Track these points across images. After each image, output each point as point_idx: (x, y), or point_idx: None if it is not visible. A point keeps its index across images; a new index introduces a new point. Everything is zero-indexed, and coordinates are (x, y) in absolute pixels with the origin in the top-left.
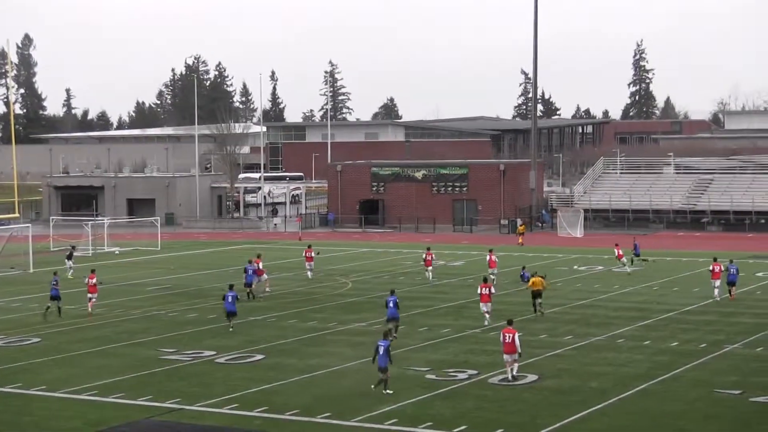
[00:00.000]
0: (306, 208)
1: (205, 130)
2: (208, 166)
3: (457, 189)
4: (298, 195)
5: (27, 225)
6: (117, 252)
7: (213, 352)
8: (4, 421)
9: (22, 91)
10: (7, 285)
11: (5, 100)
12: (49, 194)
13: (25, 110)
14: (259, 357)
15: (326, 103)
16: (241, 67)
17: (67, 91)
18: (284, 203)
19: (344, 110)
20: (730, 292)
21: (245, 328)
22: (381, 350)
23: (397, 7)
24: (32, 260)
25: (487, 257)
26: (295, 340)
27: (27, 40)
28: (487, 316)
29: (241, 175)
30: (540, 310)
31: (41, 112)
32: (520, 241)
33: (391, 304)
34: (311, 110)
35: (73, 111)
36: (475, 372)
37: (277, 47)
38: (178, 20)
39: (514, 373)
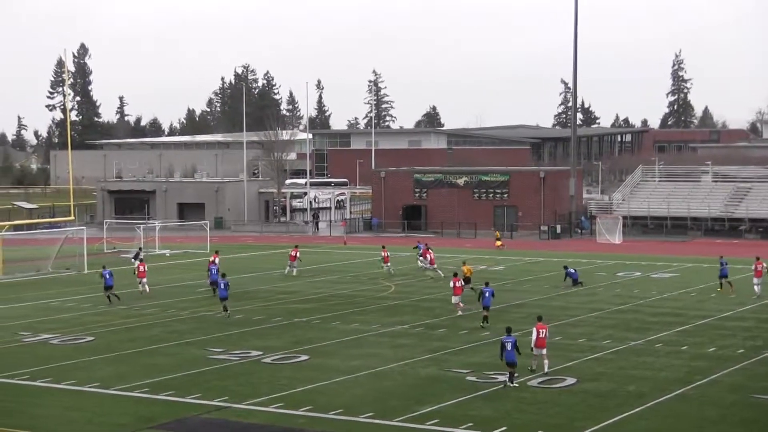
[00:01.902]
0: (350, 213)
1: (253, 137)
2: (256, 171)
3: (498, 195)
4: (342, 200)
5: (82, 227)
6: (168, 254)
7: (260, 352)
8: (58, 417)
9: (78, 98)
10: (63, 285)
11: (62, 107)
12: (102, 198)
13: (80, 117)
14: (303, 357)
15: (370, 111)
16: (288, 76)
17: (121, 98)
18: (329, 208)
19: (388, 118)
20: (729, 284)
21: (290, 329)
22: (509, 346)
23: (439, 17)
24: (86, 261)
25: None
26: (338, 342)
27: (83, 50)
28: (460, 306)
29: (288, 181)
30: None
31: (96, 119)
32: (498, 244)
33: (487, 294)
34: (356, 118)
35: (127, 118)
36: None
37: (323, 57)
38: (227, 30)
39: (546, 369)
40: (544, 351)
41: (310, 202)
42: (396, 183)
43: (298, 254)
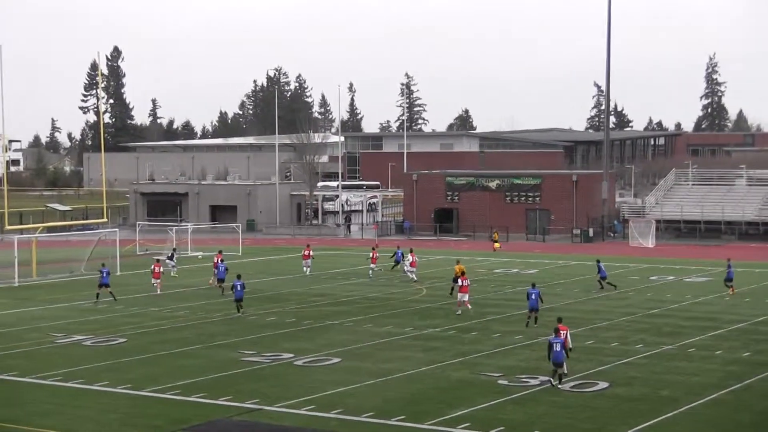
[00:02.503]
0: (382, 216)
1: (285, 140)
2: (288, 174)
3: (530, 199)
4: (374, 203)
5: (114, 229)
6: (200, 257)
7: (291, 355)
8: (91, 417)
9: (111, 101)
10: (95, 287)
11: (96, 110)
12: (135, 200)
13: (113, 120)
14: (335, 360)
15: (402, 114)
16: (320, 78)
17: (154, 101)
18: (361, 211)
19: (420, 121)
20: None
21: (322, 331)
22: (557, 346)
23: (472, 20)
24: (119, 263)
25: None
26: (370, 345)
27: (116, 53)
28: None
29: (320, 184)
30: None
31: (129, 121)
32: (496, 246)
33: (533, 296)
34: (388, 121)
35: (159, 120)
36: (546, 379)
37: (355, 60)
38: (259, 33)
39: (565, 370)
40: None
41: (342, 204)
42: (428, 186)
43: (311, 253)
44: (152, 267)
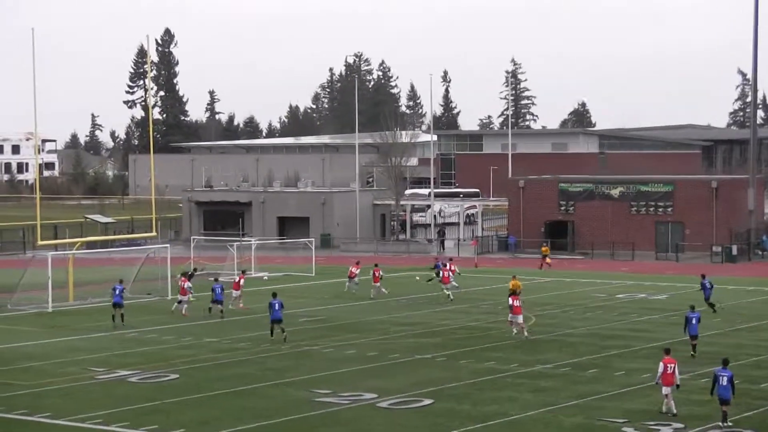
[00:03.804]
0: (482, 229)
1: (368, 139)
2: (370, 180)
3: (660, 209)
4: (473, 214)
5: (165, 245)
6: (265, 278)
7: (374, 395)
8: None
9: (161, 93)
10: (143, 313)
11: (143, 103)
12: (189, 211)
13: (164, 115)
14: (426, 402)
15: (507, 108)
16: (408, 65)
17: (211, 93)
18: (457, 224)
19: (528, 116)
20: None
21: (411, 367)
22: (724, 380)
23: None
24: (170, 285)
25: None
26: (468, 383)
27: (168, 36)
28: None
29: (408, 191)
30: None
31: (182, 117)
32: (547, 261)
33: (693, 321)
34: (489, 116)
35: (218, 116)
36: (681, 426)
37: (450, 43)
38: (337, 14)
39: (672, 408)
40: (670, 390)
41: (435, 216)
42: (537, 194)
43: (358, 271)
44: (179, 282)
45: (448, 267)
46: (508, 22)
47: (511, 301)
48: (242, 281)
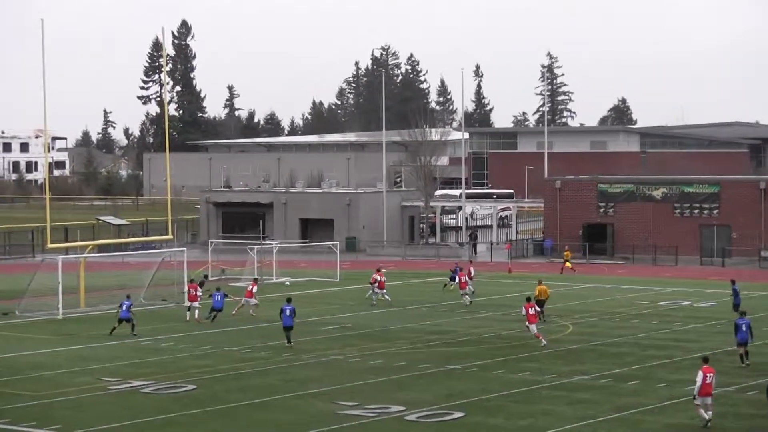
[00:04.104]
0: (517, 233)
1: (395, 137)
2: (398, 180)
3: (705, 211)
4: (507, 217)
5: (182, 249)
6: (288, 283)
7: (402, 408)
8: None
9: (178, 88)
10: (157, 320)
11: (159, 99)
12: (207, 212)
13: (181, 112)
14: (457, 415)
15: (542, 105)
16: (438, 59)
17: (230, 88)
18: (490, 227)
19: (564, 113)
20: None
21: (441, 378)
22: (744, 327)
23: None
24: (186, 291)
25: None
26: (502, 395)
27: (184, 29)
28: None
29: (438, 192)
30: (543, 318)
31: (200, 114)
32: (567, 265)
33: (744, 328)
34: (524, 113)
35: (237, 113)
36: None
37: (482, 35)
38: (363, 4)
39: (705, 415)
40: (710, 400)
41: (466, 218)
42: (575, 195)
43: (384, 279)
44: (186, 288)
45: (464, 271)
46: (544, 13)
47: (524, 311)
48: (255, 288)
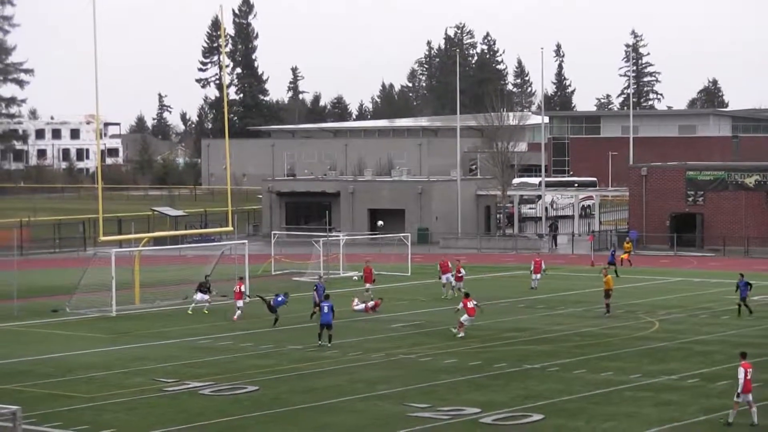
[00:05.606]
0: (600, 223)
1: (470, 121)
2: (473, 167)
3: None
4: (589, 206)
5: (243, 242)
6: (355, 278)
7: (477, 410)
8: None
9: (238, 71)
10: (217, 317)
11: (217, 82)
12: (270, 202)
13: (241, 95)
14: (536, 417)
15: (627, 87)
16: (516, 39)
17: (294, 70)
18: (571, 217)
19: (651, 96)
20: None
21: (518, 378)
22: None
23: None
24: (248, 286)
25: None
26: (583, 397)
27: (246, 6)
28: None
29: (516, 180)
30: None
31: (262, 97)
32: (624, 256)
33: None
34: (608, 95)
35: (302, 96)
36: None
37: (563, 13)
38: None
39: (755, 419)
40: (750, 397)
41: (546, 208)
42: (662, 184)
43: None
44: (236, 287)
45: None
46: None
47: (461, 305)
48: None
